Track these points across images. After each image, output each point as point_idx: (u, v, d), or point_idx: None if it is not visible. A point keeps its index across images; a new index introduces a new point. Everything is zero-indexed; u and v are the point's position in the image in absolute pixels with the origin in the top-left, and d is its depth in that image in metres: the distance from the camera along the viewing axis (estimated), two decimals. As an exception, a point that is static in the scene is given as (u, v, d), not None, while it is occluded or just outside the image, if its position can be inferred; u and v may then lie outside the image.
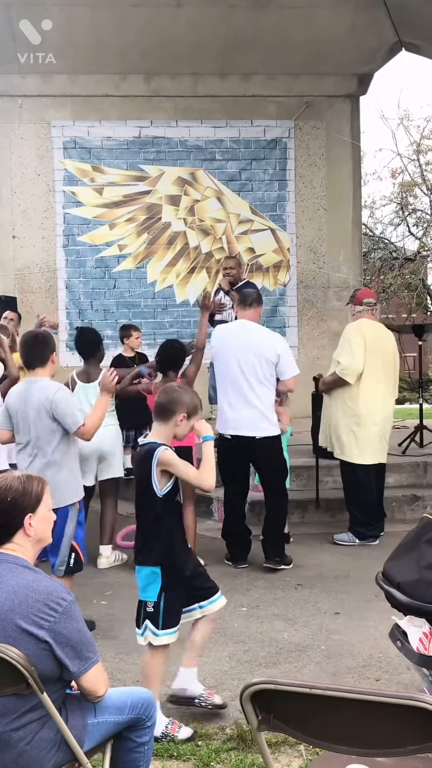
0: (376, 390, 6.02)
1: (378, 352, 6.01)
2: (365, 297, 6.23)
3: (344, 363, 5.94)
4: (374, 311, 6.21)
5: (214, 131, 10.22)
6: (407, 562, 2.40)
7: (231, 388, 5.56)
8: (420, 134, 24.12)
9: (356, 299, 6.24)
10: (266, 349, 5.56)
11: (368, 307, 6.14)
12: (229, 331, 5.71)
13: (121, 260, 10.15)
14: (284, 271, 10.45)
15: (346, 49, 9.80)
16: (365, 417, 6.00)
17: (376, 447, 6.06)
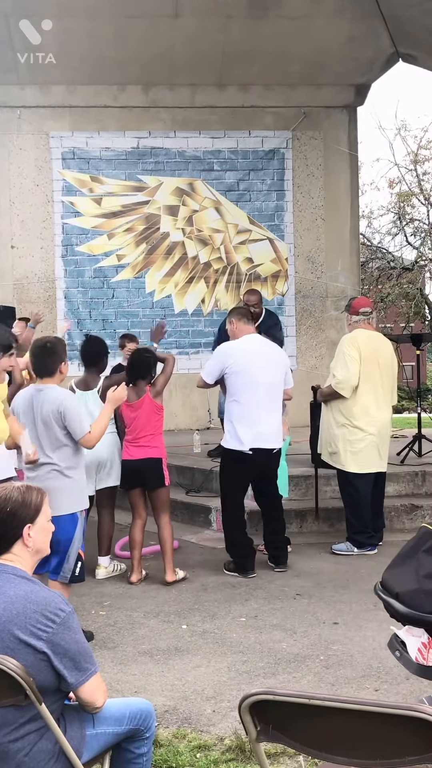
0: (372, 401, 6.02)
1: (374, 362, 6.01)
2: (361, 306, 6.23)
3: (339, 377, 5.95)
4: (371, 320, 6.21)
5: (212, 142, 10.26)
6: (406, 571, 2.40)
7: (257, 401, 5.52)
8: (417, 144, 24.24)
9: (352, 308, 6.24)
10: (283, 359, 5.77)
11: (364, 317, 6.15)
12: (246, 347, 5.63)
13: (120, 270, 10.17)
14: (282, 280, 10.47)
15: (343, 60, 9.85)
16: (361, 427, 6.01)
17: (372, 456, 6.05)
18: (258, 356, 5.58)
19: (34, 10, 8.98)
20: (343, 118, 10.45)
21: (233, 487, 5.69)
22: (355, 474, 6.01)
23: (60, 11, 8.98)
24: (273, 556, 5.72)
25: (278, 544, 5.72)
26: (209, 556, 6.02)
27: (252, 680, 3.94)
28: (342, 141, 10.45)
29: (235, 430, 5.56)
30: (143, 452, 5.49)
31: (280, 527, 5.77)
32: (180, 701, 3.74)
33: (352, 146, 10.56)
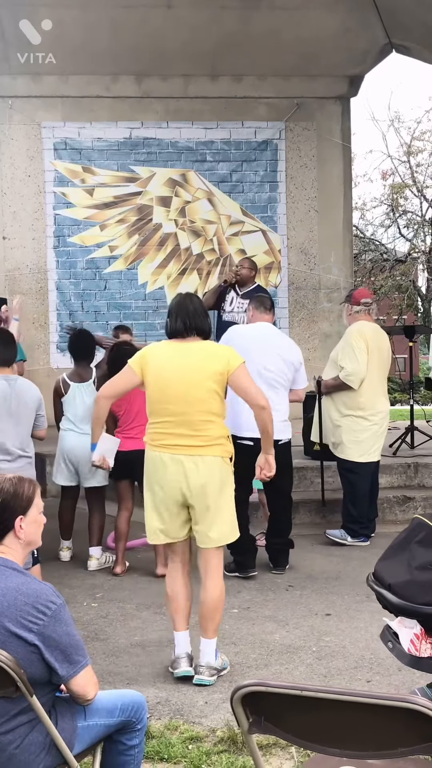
0: (376, 390, 6.10)
1: (376, 353, 6.06)
2: (362, 297, 6.24)
3: (349, 369, 5.95)
4: (371, 311, 6.23)
5: (205, 133, 10.21)
6: (398, 563, 2.40)
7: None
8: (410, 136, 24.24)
9: (353, 299, 6.25)
10: (292, 355, 5.51)
11: (365, 307, 6.16)
12: (253, 332, 5.51)
13: (112, 261, 10.13)
14: (275, 272, 10.45)
15: (336, 51, 9.81)
16: (367, 417, 6.07)
17: (373, 446, 6.13)
18: (261, 343, 5.36)
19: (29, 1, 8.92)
20: (336, 110, 10.41)
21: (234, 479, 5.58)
22: (358, 463, 6.04)
23: (53, 2, 8.91)
24: (273, 557, 5.59)
25: (280, 546, 5.58)
26: (201, 548, 6.01)
27: (244, 671, 3.94)
28: (335, 132, 10.41)
29: (236, 418, 5.47)
30: (134, 443, 5.46)
31: (285, 528, 5.60)
32: (172, 692, 3.74)
33: (345, 138, 10.53)
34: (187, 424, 3.86)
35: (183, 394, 3.87)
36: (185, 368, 3.91)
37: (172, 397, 3.88)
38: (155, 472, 3.91)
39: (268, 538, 5.63)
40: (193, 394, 3.88)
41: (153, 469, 3.93)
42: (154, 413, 3.93)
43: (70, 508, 5.97)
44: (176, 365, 3.92)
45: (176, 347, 3.97)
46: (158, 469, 3.90)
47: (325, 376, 6.26)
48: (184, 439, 3.86)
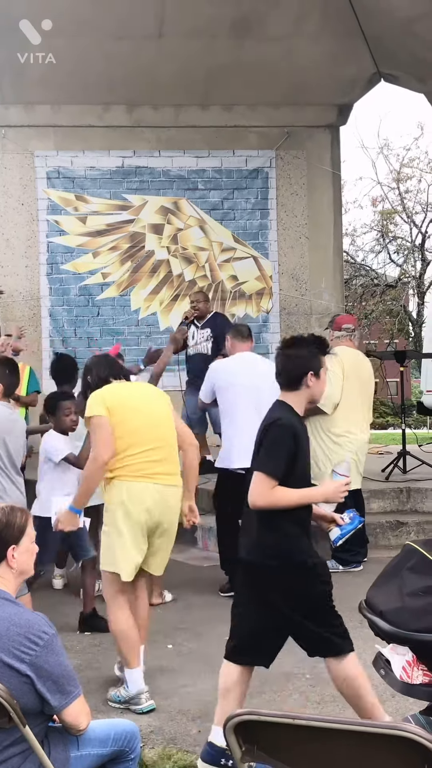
0: (353, 418, 6.06)
1: (355, 380, 6.05)
2: (344, 323, 6.28)
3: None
4: (353, 337, 6.26)
5: (197, 161, 10.31)
6: (390, 589, 2.41)
7: (243, 419, 5.46)
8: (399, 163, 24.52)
9: (335, 324, 6.30)
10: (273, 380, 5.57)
11: (347, 333, 6.19)
12: (237, 365, 5.63)
13: (105, 288, 10.19)
14: (267, 298, 10.52)
15: (325, 80, 9.95)
16: (342, 444, 6.05)
17: (351, 473, 6.10)
18: (246, 373, 5.50)
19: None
20: (325, 138, 10.54)
21: (225, 506, 5.64)
22: None
23: (45, 33, 9.00)
24: None
25: None
26: (195, 575, 6.00)
27: (238, 700, 3.92)
28: (325, 160, 10.53)
29: (227, 448, 5.55)
30: None
31: None
32: (166, 721, 3.73)
33: (335, 165, 10.65)
34: (164, 453, 4.00)
35: (156, 425, 4.01)
36: (147, 398, 4.13)
37: (148, 428, 3.99)
38: (141, 502, 3.90)
39: None
40: (165, 424, 4.05)
41: (138, 499, 3.90)
42: (134, 444, 3.93)
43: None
44: (136, 397, 4.10)
45: (122, 386, 4.12)
46: (144, 499, 3.91)
47: None
48: (164, 466, 3.99)
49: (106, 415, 3.91)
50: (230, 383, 5.53)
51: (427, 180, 24.16)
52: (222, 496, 5.68)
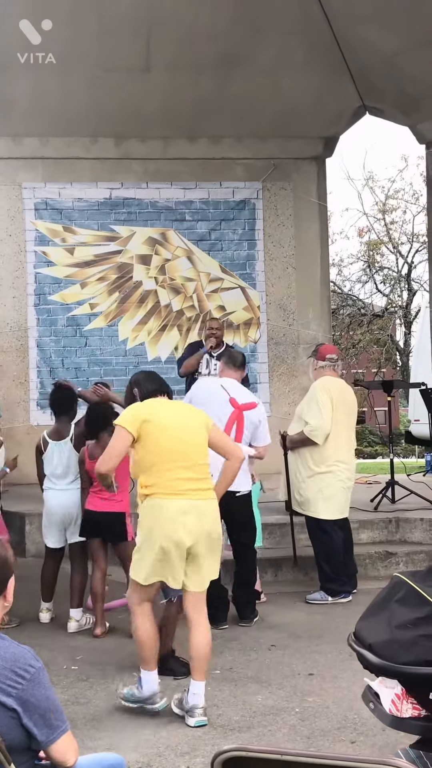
0: (342, 445, 6.09)
1: (342, 409, 6.09)
2: (328, 353, 6.31)
3: (313, 424, 5.99)
4: (336, 367, 6.29)
5: (184, 193, 10.39)
6: (378, 622, 2.39)
7: None
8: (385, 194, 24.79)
9: (319, 354, 6.32)
10: (252, 412, 5.64)
11: (330, 363, 6.22)
12: (213, 385, 5.71)
13: (93, 318, 10.19)
14: (254, 328, 10.55)
15: (311, 113, 10.06)
16: (332, 473, 6.07)
17: (342, 502, 6.13)
18: (223, 399, 5.55)
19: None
20: (312, 170, 10.64)
21: None
22: (327, 521, 6.03)
23: (32, 65, 9.05)
24: (239, 609, 5.64)
25: (244, 599, 5.66)
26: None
27: (227, 734, 3.88)
28: (311, 192, 10.63)
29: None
30: (106, 505, 5.47)
31: (250, 580, 5.70)
32: (154, 758, 3.68)
33: (321, 197, 10.75)
34: (194, 472, 4.09)
35: (188, 442, 4.11)
36: (181, 418, 4.21)
37: (181, 445, 4.08)
38: (174, 519, 3.98)
39: (234, 591, 5.67)
40: (197, 443, 4.15)
41: (172, 516, 3.98)
42: (165, 463, 4.03)
43: (54, 569, 5.90)
44: (171, 415, 4.18)
45: (162, 402, 4.25)
46: (177, 515, 3.99)
47: (291, 432, 6.28)
48: (196, 483, 4.09)
49: (132, 433, 4.05)
50: (203, 401, 5.58)
51: (412, 211, 24.45)
52: None
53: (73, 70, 9.18)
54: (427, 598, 2.32)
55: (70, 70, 9.17)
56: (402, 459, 20.16)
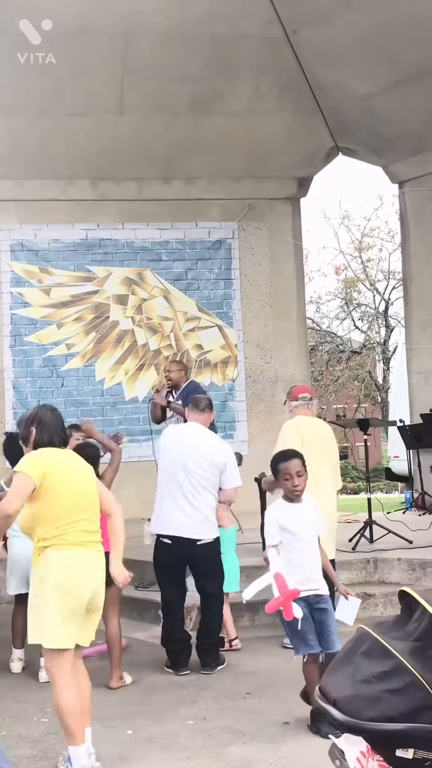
0: (319, 486, 5.98)
1: (317, 447, 5.99)
2: (300, 392, 6.28)
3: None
4: (310, 405, 6.24)
5: (160, 233, 10.43)
6: (343, 676, 2.32)
7: (175, 488, 5.52)
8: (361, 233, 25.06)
9: (292, 395, 6.30)
10: (216, 455, 5.64)
11: (304, 402, 6.18)
12: (181, 432, 5.73)
13: (69, 359, 10.15)
14: (232, 366, 10.54)
15: (285, 154, 10.17)
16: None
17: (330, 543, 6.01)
18: (186, 443, 5.57)
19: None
20: (287, 210, 10.73)
21: (160, 578, 5.66)
22: None
23: (7, 108, 9.13)
24: (200, 657, 5.56)
25: (206, 647, 5.59)
26: (158, 655, 5.83)
27: (198, 789, 3.77)
28: (287, 231, 10.70)
29: (156, 513, 5.57)
30: None
31: (213, 629, 5.63)
32: None
33: (296, 236, 10.82)
34: (95, 523, 4.07)
35: (87, 493, 4.07)
36: (80, 469, 4.14)
37: (82, 497, 4.03)
38: (79, 571, 3.91)
39: (198, 638, 5.59)
40: (94, 492, 4.12)
41: (76, 568, 3.91)
42: (69, 515, 3.95)
43: (25, 615, 5.76)
44: (71, 466, 4.11)
45: (60, 453, 4.14)
46: (83, 567, 3.93)
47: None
48: (95, 535, 4.06)
49: (36, 482, 3.91)
50: (166, 448, 5.58)
51: (388, 249, 24.71)
52: (155, 564, 5.72)
53: (49, 114, 9.25)
54: (392, 651, 2.26)
55: (46, 114, 9.24)
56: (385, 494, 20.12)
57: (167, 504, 5.52)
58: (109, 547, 4.78)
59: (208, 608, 5.63)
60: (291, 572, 4.43)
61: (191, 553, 5.46)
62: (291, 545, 4.53)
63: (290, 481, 4.61)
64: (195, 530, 5.46)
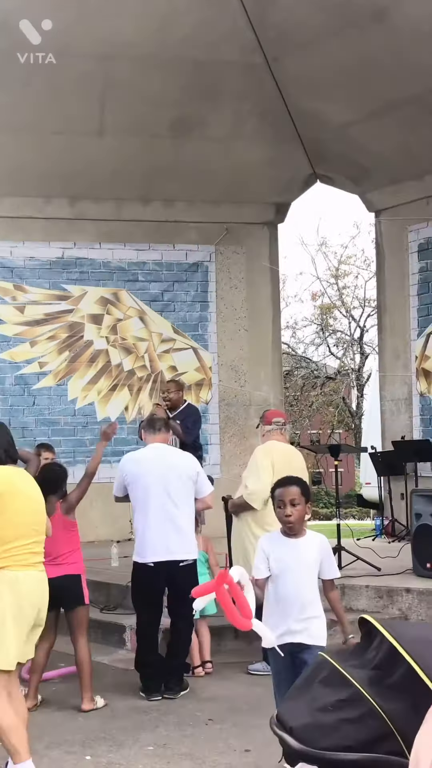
0: None
1: (286, 472, 5.98)
2: (274, 417, 6.28)
3: (251, 488, 5.91)
4: (283, 430, 6.24)
5: (137, 254, 10.43)
6: (300, 704, 2.29)
7: (155, 512, 5.44)
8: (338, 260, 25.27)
9: (266, 419, 6.29)
10: (186, 468, 5.60)
11: (277, 426, 6.17)
12: (143, 456, 5.67)
13: (42, 377, 10.09)
14: (206, 389, 10.53)
15: (263, 180, 10.24)
16: None
17: None
18: (155, 465, 5.51)
19: None
20: (264, 235, 10.79)
21: (139, 602, 5.59)
22: None
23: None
24: (165, 680, 5.48)
25: (172, 669, 5.52)
26: (121, 679, 5.75)
27: None
28: (264, 256, 10.75)
29: (140, 542, 5.49)
30: (61, 570, 5.28)
31: (179, 653, 5.58)
32: None
33: (273, 261, 10.87)
34: (42, 541, 4.14)
35: (38, 513, 4.12)
36: (31, 489, 4.16)
37: (33, 517, 4.08)
38: (30, 591, 3.97)
39: (166, 659, 5.53)
40: (42, 511, 4.18)
41: (28, 588, 3.96)
42: (21, 536, 3.98)
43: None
44: (24, 485, 4.13)
45: (12, 471, 4.15)
46: (32, 588, 3.99)
47: (237, 495, 6.20)
48: (41, 556, 4.13)
49: None
50: (138, 475, 5.51)
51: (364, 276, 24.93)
52: (135, 590, 5.61)
53: (27, 132, 9.25)
54: (350, 679, 2.24)
55: (24, 132, 9.23)
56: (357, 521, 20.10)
57: (149, 529, 5.43)
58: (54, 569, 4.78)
59: (178, 630, 5.56)
60: (270, 614, 3.98)
61: (174, 574, 5.40)
62: (275, 584, 3.98)
63: (282, 509, 4.02)
64: (178, 551, 5.42)
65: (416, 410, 9.94)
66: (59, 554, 5.28)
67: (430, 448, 9.31)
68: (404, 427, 10.03)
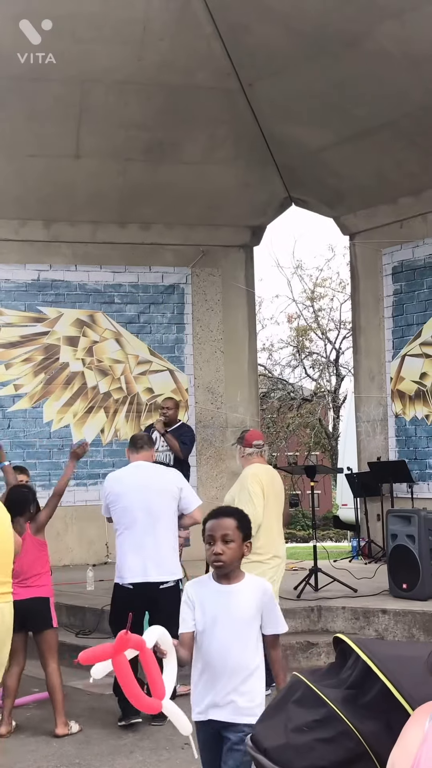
0: (273, 534, 6.00)
1: (273, 497, 6.02)
2: (254, 439, 6.26)
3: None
4: (263, 453, 6.25)
5: (113, 276, 10.45)
6: (275, 724, 2.28)
7: (134, 531, 5.39)
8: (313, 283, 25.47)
9: (245, 441, 6.27)
10: (168, 485, 5.52)
11: (258, 449, 6.17)
12: (125, 475, 5.62)
13: (17, 400, 10.04)
14: (182, 410, 10.52)
15: (238, 203, 10.33)
16: (264, 561, 5.94)
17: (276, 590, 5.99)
18: (138, 484, 5.45)
19: None
20: (240, 257, 10.86)
21: (117, 625, 5.48)
22: None
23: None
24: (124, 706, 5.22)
25: None
26: (96, 704, 5.68)
27: None
28: (239, 278, 10.82)
29: (120, 562, 5.44)
30: (29, 592, 5.23)
31: None
32: None
33: (249, 283, 10.94)
34: (6, 571, 4.03)
35: (4, 540, 4.02)
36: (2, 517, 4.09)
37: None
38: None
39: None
40: (9, 539, 4.07)
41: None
42: None
43: None
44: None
45: None
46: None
47: None
48: (7, 586, 4.04)
49: None
50: (119, 495, 5.46)
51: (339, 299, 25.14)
52: (114, 612, 5.54)
53: (3, 155, 9.27)
54: (324, 699, 2.22)
55: (0, 154, 9.25)
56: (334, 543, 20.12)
57: (130, 550, 5.38)
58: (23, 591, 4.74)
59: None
60: (196, 682, 3.25)
61: (155, 597, 5.32)
62: (199, 644, 3.19)
63: (211, 547, 3.15)
64: (156, 573, 5.34)
65: (392, 431, 10.00)
66: (28, 576, 5.23)
67: (405, 469, 9.36)
68: (380, 448, 10.08)
